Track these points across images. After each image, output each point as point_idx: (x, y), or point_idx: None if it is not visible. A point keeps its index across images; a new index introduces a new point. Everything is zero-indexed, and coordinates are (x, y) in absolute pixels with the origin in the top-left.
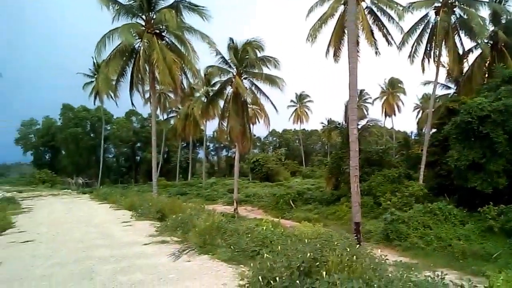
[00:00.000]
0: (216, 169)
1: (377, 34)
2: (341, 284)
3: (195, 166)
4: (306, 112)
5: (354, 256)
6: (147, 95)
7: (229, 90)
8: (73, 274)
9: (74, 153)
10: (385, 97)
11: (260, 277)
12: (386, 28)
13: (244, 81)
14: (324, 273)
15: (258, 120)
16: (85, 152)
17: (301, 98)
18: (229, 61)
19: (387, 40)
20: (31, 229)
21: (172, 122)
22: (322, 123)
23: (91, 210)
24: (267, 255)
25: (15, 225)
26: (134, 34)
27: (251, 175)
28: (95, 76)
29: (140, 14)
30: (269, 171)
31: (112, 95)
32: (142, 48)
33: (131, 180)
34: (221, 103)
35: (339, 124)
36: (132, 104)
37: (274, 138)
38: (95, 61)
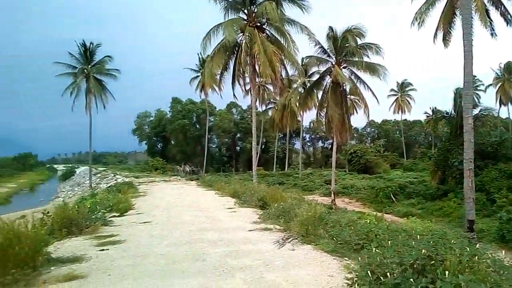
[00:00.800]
0: (312, 160)
1: (493, 13)
2: (466, 287)
3: (292, 157)
4: (408, 102)
5: (476, 257)
6: (247, 87)
7: (327, 80)
8: (187, 255)
9: (182, 142)
10: (500, 84)
11: (369, 272)
12: (504, 6)
13: (343, 70)
14: (446, 272)
15: (356, 111)
16: (192, 141)
17: (403, 87)
18: (327, 50)
19: (505, 19)
20: (147, 211)
21: (270, 113)
22: (426, 113)
23: (199, 196)
24: (376, 250)
25: (134, 207)
26: (236, 29)
27: (348, 167)
28: (201, 71)
29: (243, 9)
30: (367, 163)
31: (216, 88)
32: (244, 41)
33: (231, 169)
34: (319, 93)
35: (447, 113)
36: (234, 96)
37: (373, 129)
38: (200, 57)
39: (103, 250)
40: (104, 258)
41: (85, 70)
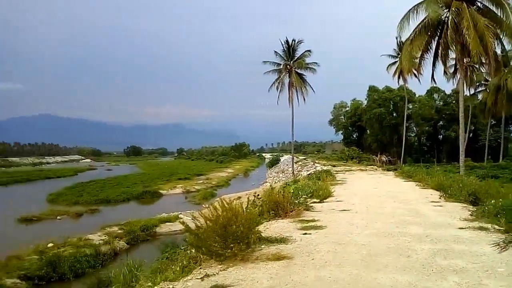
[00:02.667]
0: None
1: None
2: None
3: (507, 147)
4: None
5: None
6: (451, 70)
7: None
8: (389, 248)
9: (378, 132)
10: None
11: None
12: None
13: None
14: None
15: None
16: (388, 131)
17: None
18: None
19: None
20: (346, 199)
21: (479, 97)
22: None
23: (397, 187)
24: None
25: (333, 195)
26: (441, 5)
27: None
28: (398, 55)
29: None
30: None
31: (415, 73)
32: (450, 17)
33: (432, 160)
34: None
35: None
36: (433, 79)
37: None
38: (398, 41)
39: (306, 234)
40: (307, 241)
41: (288, 66)
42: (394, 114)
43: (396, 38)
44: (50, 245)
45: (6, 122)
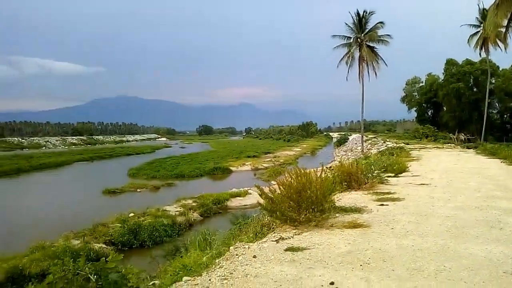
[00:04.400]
0: None
1: None
2: None
3: None
4: None
5: None
6: None
7: None
8: (478, 220)
9: (456, 108)
10: None
11: None
12: None
13: None
14: None
15: None
16: (467, 107)
17: None
18: None
19: None
20: (423, 174)
21: None
22: None
23: (481, 164)
24: None
25: (409, 170)
26: None
27: None
28: (481, 25)
29: None
30: None
31: (500, 43)
32: None
33: None
34: None
35: None
36: None
37: None
38: (480, 8)
39: (382, 205)
40: (384, 212)
41: (359, 39)
42: (475, 89)
43: (478, 4)
44: (131, 214)
45: (90, 103)
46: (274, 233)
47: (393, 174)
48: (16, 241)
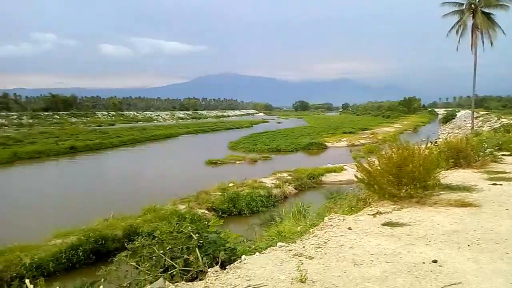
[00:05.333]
0: None
1: None
2: None
3: None
4: None
5: None
6: None
7: None
8: None
9: None
10: None
11: None
12: None
13: None
14: None
15: None
16: None
17: None
18: None
19: None
20: None
21: None
22: None
23: None
24: None
25: None
26: None
27: None
28: None
29: None
30: None
31: None
32: None
33: None
34: None
35: None
36: None
37: None
38: None
39: (495, 184)
40: (497, 192)
41: (472, 5)
42: None
43: None
44: (230, 184)
45: (196, 80)
46: (371, 207)
47: (508, 153)
48: (132, 203)
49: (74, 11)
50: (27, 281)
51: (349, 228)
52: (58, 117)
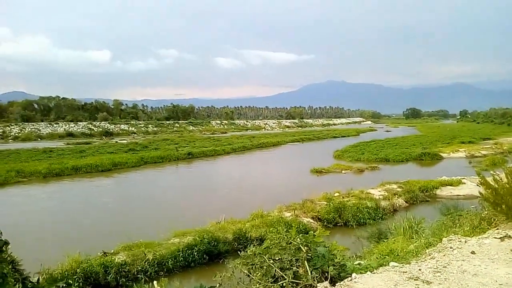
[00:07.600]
0: None
1: None
2: None
3: None
4: None
5: None
6: None
7: None
8: None
9: None
10: None
11: None
12: None
13: None
14: None
15: None
16: None
17: None
18: None
19: None
20: None
21: None
22: None
23: None
24: None
25: None
26: None
27: None
28: None
29: None
30: None
31: None
32: None
33: None
34: None
35: None
36: None
37: None
38: None
39: None
40: None
41: None
42: None
43: None
44: (336, 194)
45: (302, 88)
46: (497, 229)
47: None
48: (240, 208)
49: (192, 28)
50: (155, 283)
51: (472, 252)
52: (178, 125)
